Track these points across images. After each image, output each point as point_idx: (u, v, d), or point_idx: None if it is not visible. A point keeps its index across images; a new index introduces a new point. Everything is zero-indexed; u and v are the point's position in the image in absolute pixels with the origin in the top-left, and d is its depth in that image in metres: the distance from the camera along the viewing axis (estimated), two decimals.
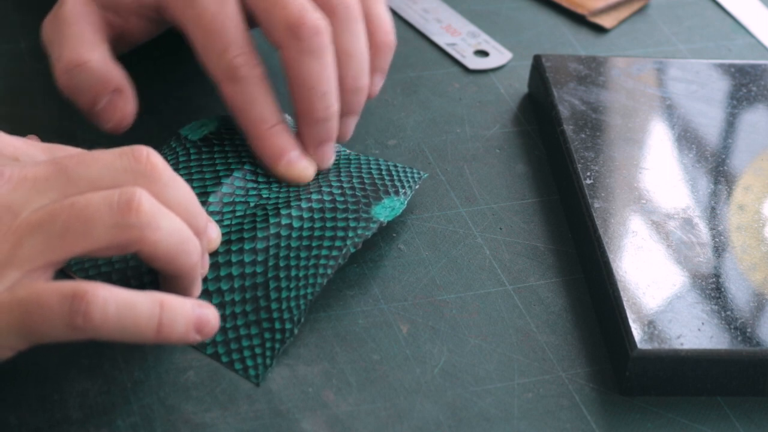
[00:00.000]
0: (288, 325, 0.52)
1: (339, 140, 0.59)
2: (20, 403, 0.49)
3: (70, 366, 0.50)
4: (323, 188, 0.57)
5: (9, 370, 0.48)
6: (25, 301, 0.45)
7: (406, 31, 0.73)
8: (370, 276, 0.57)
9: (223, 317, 0.52)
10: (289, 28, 0.56)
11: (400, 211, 0.57)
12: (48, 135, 0.59)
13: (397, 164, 0.60)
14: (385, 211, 0.57)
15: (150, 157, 0.48)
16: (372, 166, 0.59)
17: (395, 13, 0.74)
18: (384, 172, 0.59)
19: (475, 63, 0.71)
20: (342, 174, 0.58)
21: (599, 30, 0.75)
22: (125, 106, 0.58)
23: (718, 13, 0.78)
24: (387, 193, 0.58)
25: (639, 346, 0.52)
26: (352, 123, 0.59)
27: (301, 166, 0.57)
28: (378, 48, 0.60)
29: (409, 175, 0.60)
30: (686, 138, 0.63)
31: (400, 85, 0.68)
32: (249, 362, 0.51)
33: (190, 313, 0.47)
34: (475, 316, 0.55)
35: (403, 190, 0.58)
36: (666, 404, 0.52)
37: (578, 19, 0.75)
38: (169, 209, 0.48)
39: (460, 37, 0.72)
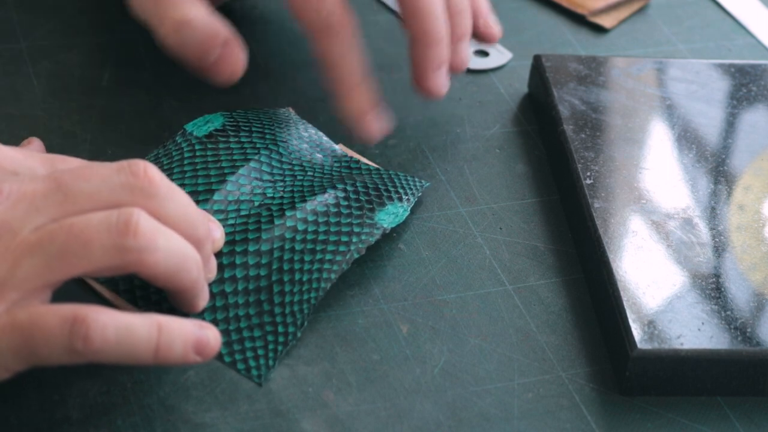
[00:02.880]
0: (291, 329, 0.52)
1: (459, 68, 0.62)
2: (20, 403, 0.49)
3: (70, 366, 0.50)
4: (328, 190, 0.57)
5: None
6: (26, 325, 0.45)
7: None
8: (370, 276, 0.57)
9: (226, 319, 0.52)
10: None
11: (404, 217, 0.57)
12: (48, 135, 0.59)
13: (399, 173, 0.60)
14: (388, 217, 0.57)
15: (147, 171, 0.48)
16: (374, 173, 0.60)
17: (395, 14, 0.74)
18: (386, 180, 0.59)
19: (475, 63, 0.71)
20: (346, 179, 0.58)
21: (599, 30, 0.75)
22: (237, 57, 0.59)
23: (718, 13, 0.78)
24: (390, 199, 0.58)
25: (639, 346, 0.52)
26: (466, 48, 0.62)
27: (376, 128, 0.60)
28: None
29: (411, 183, 0.60)
30: (686, 138, 0.63)
31: (400, 85, 0.68)
32: (251, 363, 0.51)
33: (189, 335, 0.47)
34: (475, 316, 0.55)
35: (407, 197, 0.58)
36: (666, 404, 0.52)
37: (578, 19, 0.75)
38: (168, 223, 0.48)
39: None
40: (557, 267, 0.58)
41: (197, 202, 0.54)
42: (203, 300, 0.51)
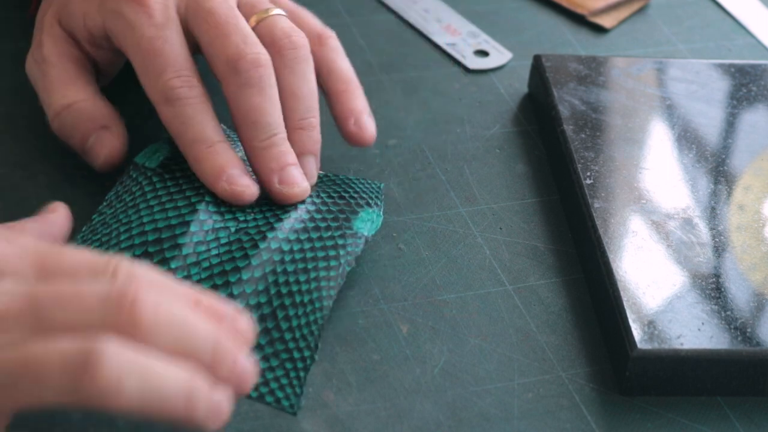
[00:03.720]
0: (306, 353, 0.51)
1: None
2: None
3: None
4: (298, 205, 0.56)
5: None
6: None
7: (406, 31, 0.73)
8: (370, 276, 0.57)
9: None
10: (228, 62, 0.55)
11: (380, 223, 0.57)
12: (47, 135, 0.59)
13: (350, 176, 0.60)
14: (365, 225, 0.56)
15: (135, 306, 0.42)
16: (326, 181, 0.59)
17: (395, 13, 0.74)
18: (345, 186, 0.58)
19: (475, 63, 0.71)
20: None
21: (599, 30, 0.75)
22: (112, 142, 0.58)
23: (718, 13, 0.78)
24: (360, 205, 0.57)
25: (639, 346, 0.52)
26: (310, 164, 0.57)
27: (243, 184, 0.55)
28: (339, 95, 0.59)
29: (367, 186, 0.59)
30: (686, 138, 0.63)
31: (400, 85, 0.68)
32: (279, 393, 0.50)
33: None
34: (475, 316, 0.55)
35: (374, 202, 0.58)
36: (666, 404, 0.53)
37: (578, 19, 0.75)
38: (161, 353, 0.43)
39: (460, 37, 0.72)
40: (557, 267, 0.58)
41: (175, 236, 0.53)
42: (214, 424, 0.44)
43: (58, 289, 0.43)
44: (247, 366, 0.44)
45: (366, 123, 0.59)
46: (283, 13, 0.58)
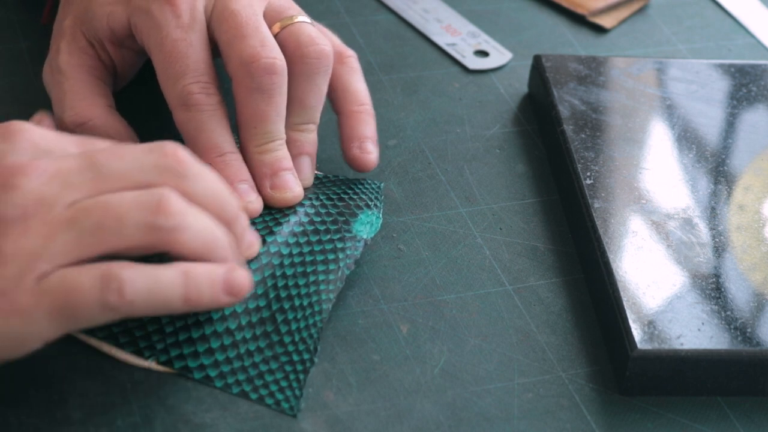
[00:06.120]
0: (306, 356, 0.51)
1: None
2: (20, 403, 0.49)
3: (70, 366, 0.50)
4: (297, 209, 0.56)
5: (9, 370, 0.48)
6: (59, 288, 0.46)
7: (406, 31, 0.73)
8: (370, 276, 0.57)
9: (239, 356, 0.51)
10: (242, 63, 0.55)
11: (379, 225, 0.57)
12: None
13: (348, 177, 0.60)
14: (365, 227, 0.56)
15: (177, 152, 0.49)
16: (326, 182, 0.59)
17: (395, 13, 0.74)
18: (344, 187, 0.58)
19: (475, 63, 0.71)
20: (308, 193, 0.57)
21: (599, 30, 0.75)
22: None
23: (718, 13, 0.78)
24: (359, 207, 0.57)
25: (639, 346, 0.52)
26: (305, 165, 0.58)
27: (248, 199, 0.56)
28: (349, 117, 0.59)
29: (367, 186, 0.59)
30: (686, 138, 0.63)
31: (400, 85, 0.68)
32: (279, 396, 0.50)
33: (217, 278, 0.48)
34: (475, 316, 0.55)
35: (373, 203, 0.58)
36: (666, 404, 0.53)
37: (578, 19, 0.75)
38: (197, 202, 0.49)
39: (460, 37, 0.72)
40: (557, 267, 0.58)
41: None
42: (241, 290, 0.51)
43: (109, 148, 0.49)
44: (254, 238, 0.53)
45: (369, 149, 0.59)
46: (309, 20, 0.58)
